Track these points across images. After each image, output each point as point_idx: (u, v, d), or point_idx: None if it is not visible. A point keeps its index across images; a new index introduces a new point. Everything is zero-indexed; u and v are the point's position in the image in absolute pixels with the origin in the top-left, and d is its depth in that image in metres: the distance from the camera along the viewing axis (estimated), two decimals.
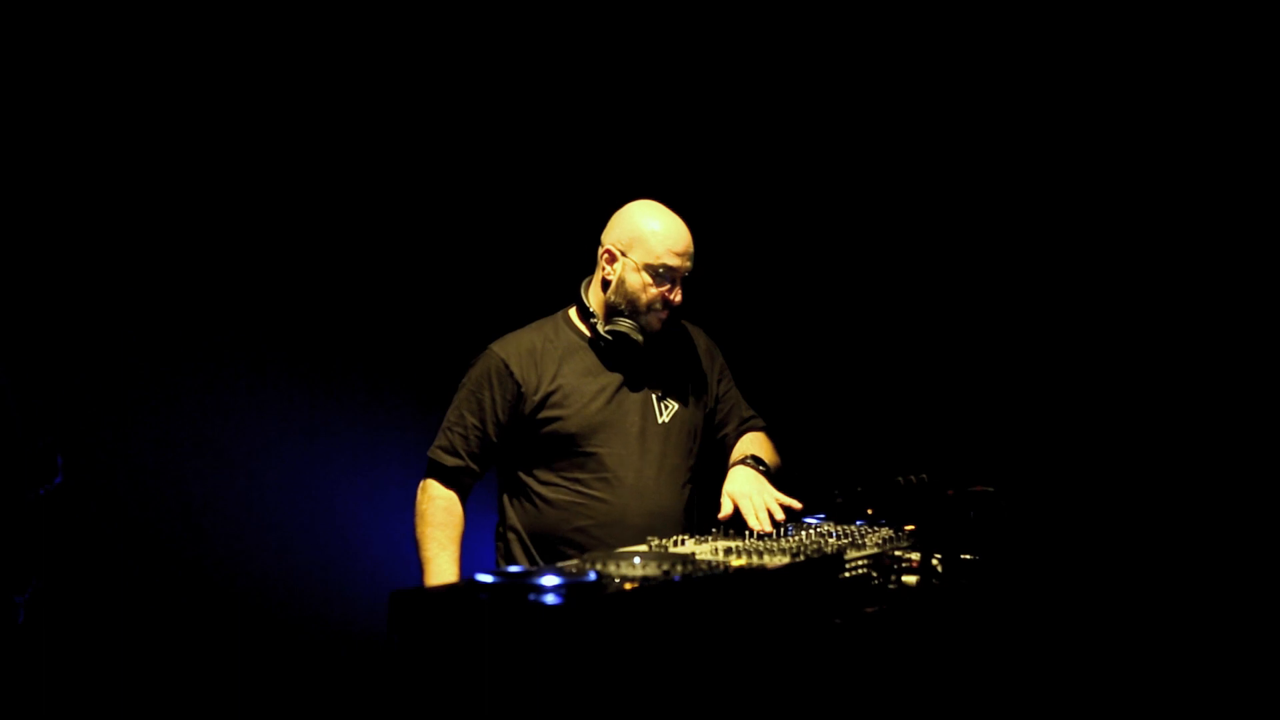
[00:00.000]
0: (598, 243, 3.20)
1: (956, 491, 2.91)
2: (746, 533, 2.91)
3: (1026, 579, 3.00)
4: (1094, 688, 3.26)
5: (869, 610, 2.61)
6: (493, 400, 3.13)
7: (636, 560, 2.38)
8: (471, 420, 3.14)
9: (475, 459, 3.15)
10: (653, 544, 2.73)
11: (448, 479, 3.15)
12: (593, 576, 2.16)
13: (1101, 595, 3.50)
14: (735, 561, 2.49)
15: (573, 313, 3.26)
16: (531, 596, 2.07)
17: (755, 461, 3.20)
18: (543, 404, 3.12)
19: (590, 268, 3.25)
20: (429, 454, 3.17)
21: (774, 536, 2.88)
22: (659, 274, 3.11)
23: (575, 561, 2.47)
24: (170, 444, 4.05)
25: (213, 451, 4.11)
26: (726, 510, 3.04)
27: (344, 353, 4.30)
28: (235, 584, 4.09)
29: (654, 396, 3.20)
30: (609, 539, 3.02)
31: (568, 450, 3.12)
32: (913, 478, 2.89)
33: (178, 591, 4.01)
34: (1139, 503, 3.81)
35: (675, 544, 2.73)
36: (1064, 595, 3.20)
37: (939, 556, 2.77)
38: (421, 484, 3.17)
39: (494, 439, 3.15)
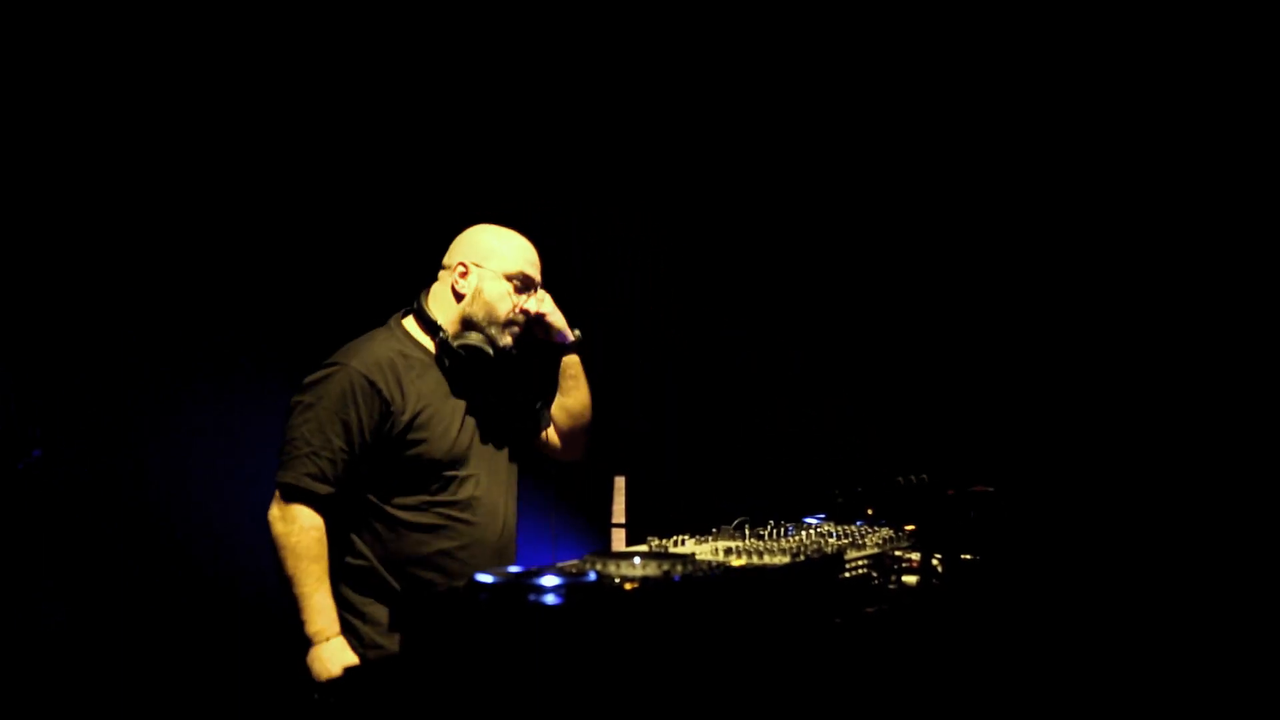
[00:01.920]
0: (438, 264, 3.12)
1: (956, 491, 2.91)
2: (747, 533, 2.90)
3: (1026, 579, 3.00)
4: (1094, 688, 3.26)
5: (869, 610, 2.61)
6: (359, 420, 2.91)
7: (636, 560, 2.38)
8: (338, 443, 2.89)
9: (340, 485, 2.91)
10: (653, 544, 2.73)
11: (317, 507, 2.90)
12: (593, 576, 2.16)
13: (1101, 595, 3.49)
14: (735, 561, 2.49)
15: (410, 324, 3.10)
16: (531, 596, 2.07)
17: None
18: (410, 426, 2.95)
19: (413, 282, 3.16)
20: (288, 479, 2.88)
21: (774, 535, 2.88)
22: (518, 283, 3.08)
23: (575, 562, 2.47)
24: (171, 444, 4.05)
25: (213, 451, 4.11)
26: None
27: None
28: (235, 584, 4.09)
29: (493, 416, 3.10)
30: (472, 560, 2.94)
31: (430, 473, 2.97)
32: (913, 478, 2.89)
33: (178, 592, 4.01)
34: (1139, 502, 3.81)
35: (675, 544, 2.73)
36: (1064, 595, 3.20)
37: (939, 556, 2.77)
38: (281, 511, 2.89)
39: (355, 462, 2.92)
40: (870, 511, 3.06)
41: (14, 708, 3.52)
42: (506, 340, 3.07)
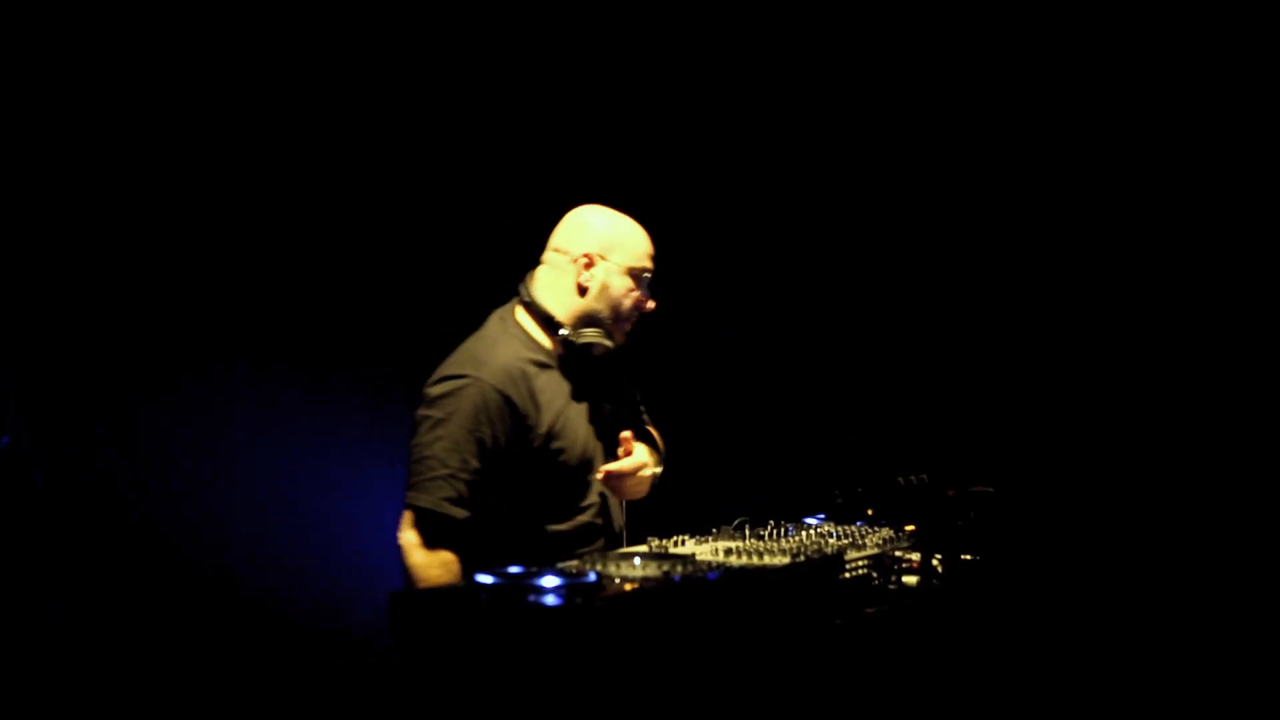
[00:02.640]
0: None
1: (956, 491, 2.91)
2: (747, 533, 2.90)
3: (1026, 579, 3.00)
4: (1094, 688, 3.26)
5: (869, 611, 2.61)
6: (494, 438, 2.75)
7: (636, 560, 2.38)
8: (474, 464, 2.73)
9: (476, 507, 2.75)
10: (653, 544, 2.72)
11: (455, 537, 2.72)
12: (593, 577, 2.16)
13: (1101, 595, 3.50)
14: (735, 562, 2.49)
15: (522, 318, 2.96)
16: (531, 597, 2.07)
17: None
18: (549, 437, 2.83)
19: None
20: (424, 504, 2.72)
21: (774, 536, 2.87)
22: (641, 279, 2.95)
23: (575, 562, 2.47)
24: (170, 444, 4.05)
25: (213, 452, 4.11)
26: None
27: (345, 353, 4.29)
28: (235, 585, 4.09)
29: (604, 411, 3.01)
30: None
31: (569, 480, 2.87)
32: (913, 478, 2.89)
33: (178, 592, 4.01)
34: (1139, 503, 3.81)
35: (675, 544, 2.73)
36: (1064, 596, 3.20)
37: (939, 557, 2.77)
38: (418, 540, 2.72)
39: (491, 481, 2.77)
40: (870, 511, 3.05)
41: (13, 708, 3.52)
42: (622, 337, 2.98)
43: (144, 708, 3.89)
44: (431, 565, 2.71)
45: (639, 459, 2.94)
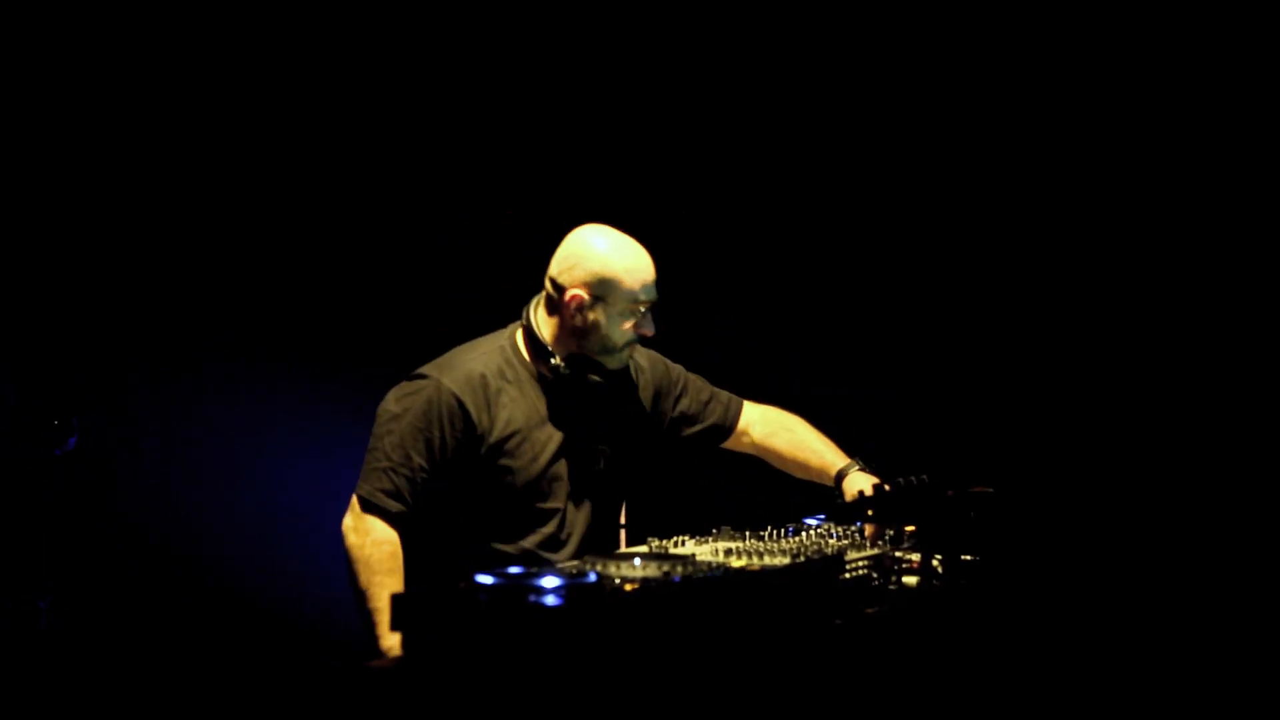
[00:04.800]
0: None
1: (956, 492, 2.90)
2: (747, 533, 2.90)
3: (1026, 580, 3.00)
4: (1094, 688, 3.26)
5: (869, 611, 2.61)
6: (443, 441, 2.80)
7: (637, 561, 2.38)
8: (419, 461, 2.80)
9: (417, 503, 2.82)
10: (653, 544, 2.72)
11: (391, 522, 2.81)
12: (593, 577, 2.16)
13: (1101, 596, 3.50)
14: (735, 562, 2.49)
15: (519, 339, 2.95)
16: (531, 597, 2.07)
17: (863, 465, 3.08)
18: (496, 451, 2.84)
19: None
20: (364, 494, 2.81)
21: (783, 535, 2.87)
22: (636, 313, 2.88)
23: (575, 562, 2.47)
24: (169, 445, 4.05)
25: (212, 452, 4.11)
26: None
27: (343, 354, 4.30)
28: (235, 585, 4.09)
29: (596, 444, 2.96)
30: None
31: (517, 503, 2.87)
32: (913, 478, 2.89)
33: (178, 593, 4.01)
34: (1139, 503, 3.81)
35: (675, 545, 2.73)
36: (1064, 596, 3.20)
37: (939, 557, 2.77)
38: (355, 522, 2.82)
39: (435, 481, 2.83)
40: (870, 512, 3.05)
41: (12, 708, 3.52)
42: (624, 361, 2.95)
43: (144, 708, 3.89)
44: (365, 545, 2.80)
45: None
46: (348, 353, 4.31)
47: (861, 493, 2.81)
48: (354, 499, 2.85)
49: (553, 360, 2.89)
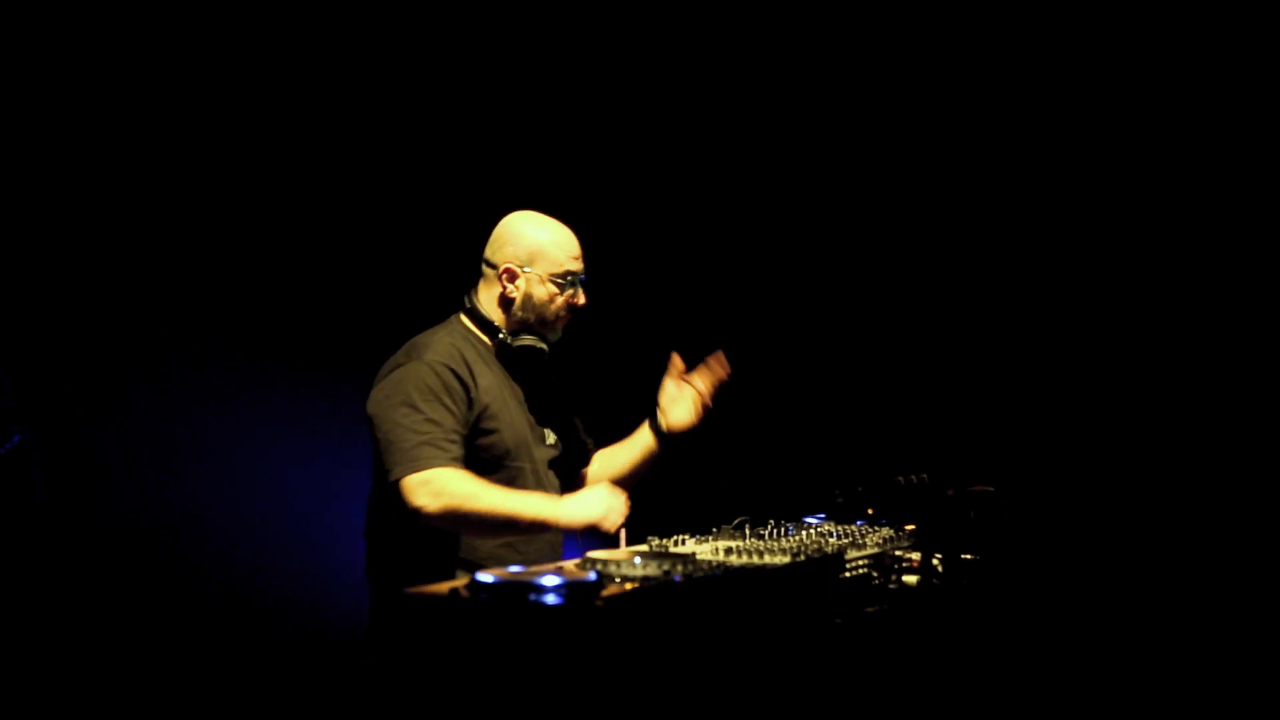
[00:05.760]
0: (479, 258, 3.13)
1: (956, 491, 2.91)
2: (747, 532, 2.90)
3: (1026, 579, 3.00)
4: (1094, 687, 3.26)
5: (869, 610, 2.61)
6: (454, 405, 2.90)
7: (637, 560, 2.38)
8: (450, 423, 2.87)
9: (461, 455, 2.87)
10: (653, 544, 2.72)
11: (446, 465, 2.83)
12: (593, 576, 2.16)
13: (1101, 595, 3.50)
14: (735, 561, 2.49)
15: (467, 322, 3.11)
16: (532, 596, 2.07)
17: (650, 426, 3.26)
18: (482, 415, 2.96)
19: (466, 277, 3.16)
20: (408, 471, 2.80)
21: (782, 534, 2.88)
22: (564, 282, 3.06)
23: (575, 561, 2.47)
24: (166, 445, 4.05)
25: (209, 452, 4.11)
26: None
27: (340, 353, 4.29)
28: (234, 585, 4.09)
29: (549, 408, 3.14)
30: (531, 554, 2.94)
31: (496, 465, 2.96)
32: (913, 478, 2.89)
33: (174, 593, 4.01)
34: (1139, 502, 3.81)
35: (675, 544, 2.73)
36: (1064, 595, 3.20)
37: (939, 556, 2.77)
38: (422, 492, 2.78)
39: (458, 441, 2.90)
40: (870, 511, 3.06)
41: (12, 708, 3.52)
42: (556, 335, 3.11)
43: (144, 708, 3.89)
44: (444, 493, 2.78)
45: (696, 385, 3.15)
46: (348, 352, 4.31)
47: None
48: (403, 485, 2.80)
49: (500, 335, 3.07)
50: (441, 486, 2.79)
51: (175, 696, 3.95)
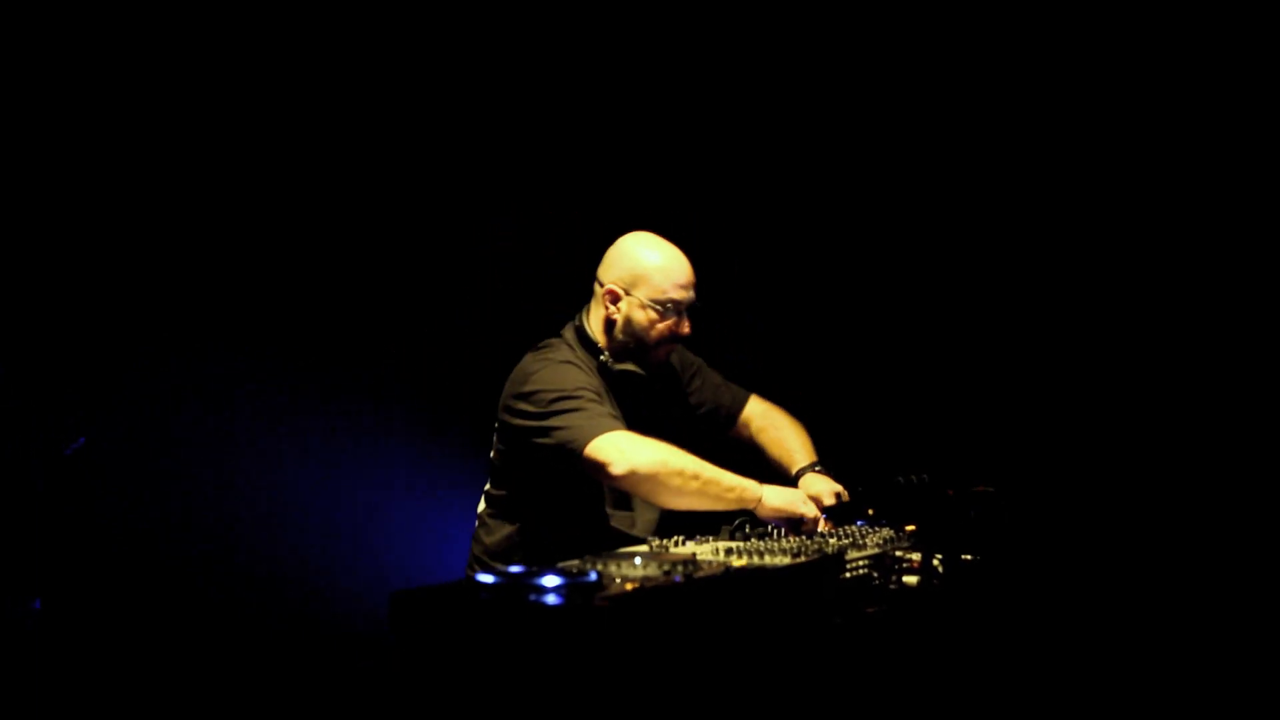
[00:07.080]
0: (593, 276, 3.15)
1: (957, 491, 2.91)
2: (747, 532, 2.90)
3: (1026, 579, 3.00)
4: (1094, 688, 3.26)
5: (870, 610, 2.61)
6: (600, 393, 2.99)
7: (637, 560, 2.38)
8: (609, 408, 2.95)
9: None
10: (653, 544, 2.72)
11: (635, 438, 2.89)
12: (593, 577, 2.16)
13: (1101, 595, 3.49)
14: (736, 562, 2.49)
15: (573, 338, 3.16)
16: (532, 596, 2.07)
17: (822, 469, 3.28)
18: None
19: (585, 293, 3.20)
20: (596, 438, 2.84)
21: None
22: (666, 309, 3.07)
23: (576, 562, 2.47)
24: (172, 445, 4.05)
25: (214, 452, 4.11)
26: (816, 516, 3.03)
27: (345, 353, 4.30)
28: (236, 585, 4.09)
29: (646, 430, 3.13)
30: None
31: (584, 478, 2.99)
32: (913, 478, 2.89)
33: (174, 592, 4.01)
34: (1139, 502, 3.81)
35: (675, 544, 2.73)
36: (1064, 595, 3.20)
37: (940, 557, 2.77)
38: (621, 457, 2.82)
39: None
40: (871, 511, 3.06)
41: (12, 708, 3.52)
42: (661, 359, 3.14)
43: (145, 707, 3.89)
44: (641, 454, 2.83)
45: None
46: (349, 352, 4.31)
47: (838, 494, 3.07)
48: (594, 450, 2.83)
49: (601, 356, 3.10)
50: (636, 445, 2.84)
51: (175, 696, 3.95)
